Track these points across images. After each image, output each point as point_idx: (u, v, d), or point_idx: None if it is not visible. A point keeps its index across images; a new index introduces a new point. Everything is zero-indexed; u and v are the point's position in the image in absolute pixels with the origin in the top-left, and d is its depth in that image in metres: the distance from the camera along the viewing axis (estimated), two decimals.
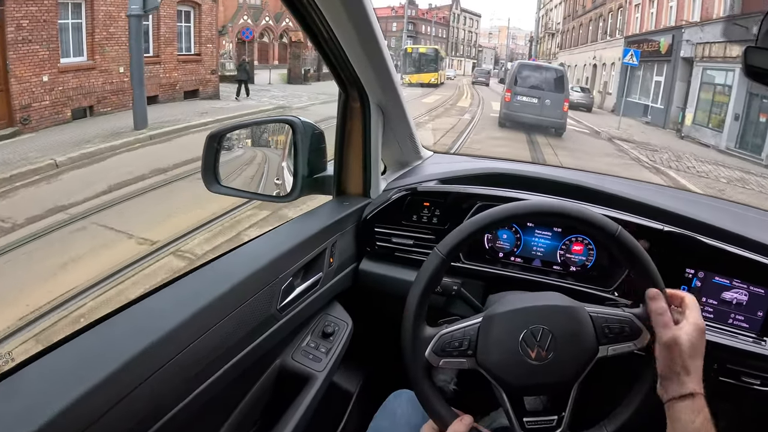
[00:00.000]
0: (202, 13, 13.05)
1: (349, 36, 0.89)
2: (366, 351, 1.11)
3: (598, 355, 0.68)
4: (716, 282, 0.94)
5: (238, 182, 1.06)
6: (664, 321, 0.65)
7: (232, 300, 0.72)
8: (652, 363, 0.67)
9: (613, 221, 0.71)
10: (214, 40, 13.66)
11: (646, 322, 0.68)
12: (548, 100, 10.60)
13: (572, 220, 0.73)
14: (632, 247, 0.70)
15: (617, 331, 0.68)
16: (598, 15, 23.37)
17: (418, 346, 0.70)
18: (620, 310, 0.71)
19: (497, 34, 61.72)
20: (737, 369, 0.90)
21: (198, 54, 13.05)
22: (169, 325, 0.62)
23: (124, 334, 0.60)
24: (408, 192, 1.09)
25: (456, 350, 0.69)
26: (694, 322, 0.65)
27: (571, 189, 1.08)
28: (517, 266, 1.06)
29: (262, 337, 0.80)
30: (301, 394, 0.88)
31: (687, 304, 0.67)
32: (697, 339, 0.64)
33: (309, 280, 0.92)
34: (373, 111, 1.07)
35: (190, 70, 12.74)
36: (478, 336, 0.69)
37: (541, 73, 11.38)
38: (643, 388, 0.69)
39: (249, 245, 0.89)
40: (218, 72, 13.79)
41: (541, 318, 0.69)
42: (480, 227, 0.73)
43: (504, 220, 0.74)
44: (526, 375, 0.67)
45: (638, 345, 0.68)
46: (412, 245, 1.08)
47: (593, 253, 1.03)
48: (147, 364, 0.58)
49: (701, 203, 1.32)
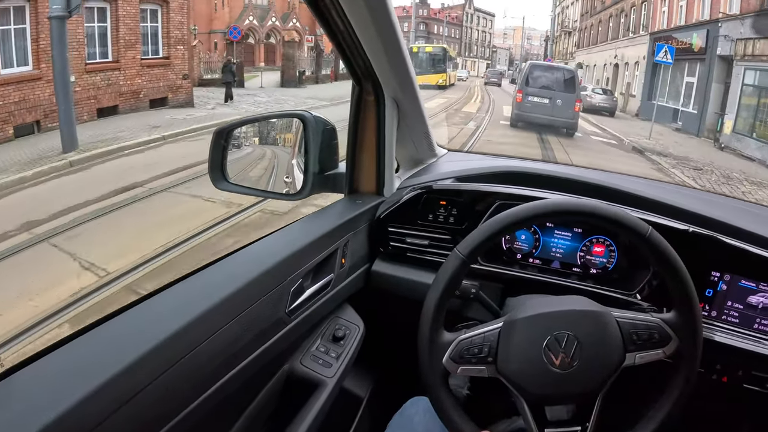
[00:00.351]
0: (171, 10, 11.68)
1: (366, 25, 0.86)
2: (377, 355, 1.10)
3: (625, 363, 0.67)
4: (742, 285, 0.91)
5: (246, 179, 1.04)
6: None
7: (239, 302, 0.70)
8: (681, 371, 0.68)
9: (643, 222, 0.70)
10: (185, 40, 12.29)
11: (676, 328, 0.68)
12: (559, 100, 10.60)
13: (601, 219, 0.71)
14: (664, 249, 0.69)
15: (645, 338, 0.67)
16: (619, 11, 21.35)
17: (436, 352, 0.68)
18: (649, 315, 0.70)
19: (512, 34, 59.83)
20: (762, 376, 0.87)
21: (167, 57, 11.70)
22: (173, 327, 0.60)
23: (125, 336, 0.59)
24: (423, 190, 1.06)
25: (475, 357, 0.68)
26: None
27: (590, 188, 1.05)
28: (535, 268, 1.03)
29: (271, 341, 0.77)
30: (310, 401, 0.85)
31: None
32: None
33: (320, 282, 0.89)
34: (388, 105, 1.04)
35: (156, 76, 11.41)
36: (498, 342, 0.68)
37: (552, 73, 11.27)
38: (671, 397, 0.68)
39: (257, 244, 0.85)
40: (191, 76, 12.52)
41: (566, 323, 0.67)
42: (503, 227, 0.71)
43: (528, 219, 0.71)
44: (549, 384, 0.66)
45: (668, 352, 0.68)
46: (427, 246, 1.05)
47: (614, 255, 1.00)
48: (149, 368, 0.56)
49: (724, 205, 1.30)
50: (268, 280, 0.76)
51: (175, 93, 11.82)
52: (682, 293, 0.69)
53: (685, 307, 0.69)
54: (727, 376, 0.89)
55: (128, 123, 9.01)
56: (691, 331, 0.69)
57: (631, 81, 18.91)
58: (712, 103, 12.85)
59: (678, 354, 0.68)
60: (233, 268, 0.76)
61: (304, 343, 0.92)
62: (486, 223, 0.72)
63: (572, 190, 1.04)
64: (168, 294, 0.68)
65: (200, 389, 0.63)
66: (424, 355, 0.69)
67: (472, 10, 49.62)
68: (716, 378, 0.90)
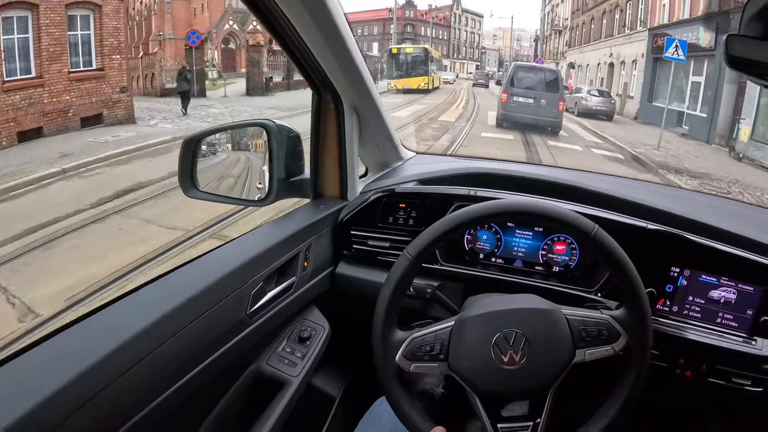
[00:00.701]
0: (104, 15, 10.19)
1: (318, 41, 0.88)
2: (348, 355, 1.10)
3: (575, 359, 0.69)
4: (703, 280, 0.92)
5: (218, 187, 1.08)
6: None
7: (201, 304, 0.72)
8: (631, 366, 0.69)
9: (589, 220, 0.71)
10: (122, 49, 10.73)
11: (624, 325, 0.69)
12: (543, 100, 10.81)
13: (548, 219, 0.72)
14: (610, 246, 0.70)
15: (595, 335, 0.69)
16: (613, 6, 19.90)
17: (389, 350, 0.71)
18: (598, 312, 0.72)
19: (501, 35, 58.67)
20: (727, 370, 0.88)
21: (100, 69, 10.21)
22: (132, 330, 0.62)
23: (88, 340, 0.61)
24: (385, 193, 1.08)
25: (427, 354, 0.70)
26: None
27: (555, 187, 1.06)
28: (497, 267, 1.04)
29: (232, 342, 0.79)
30: (276, 399, 0.88)
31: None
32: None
33: (281, 285, 0.92)
34: (346, 113, 1.06)
35: (88, 91, 9.93)
36: (450, 340, 0.70)
37: (536, 74, 11.49)
38: (623, 392, 0.70)
39: (219, 251, 0.87)
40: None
41: (515, 321, 0.69)
42: (449, 229, 0.72)
43: (475, 220, 0.73)
44: (499, 381, 0.68)
45: (617, 348, 0.69)
46: (388, 248, 1.07)
47: (576, 253, 1.01)
48: (110, 368, 0.59)
49: (691, 200, 1.32)
50: (229, 284, 0.78)
51: (111, 109, 10.41)
52: (630, 290, 0.71)
53: (633, 303, 0.71)
54: (691, 370, 0.90)
55: (35, 153, 7.43)
56: (640, 327, 0.70)
57: (628, 81, 17.43)
58: (724, 105, 11.38)
59: (627, 350, 0.70)
60: (196, 272, 0.78)
61: (271, 344, 0.95)
62: (433, 225, 0.73)
63: (536, 190, 1.04)
64: (127, 300, 0.70)
65: (164, 386, 0.66)
66: (378, 353, 0.71)
67: (459, 11, 48.58)
68: (680, 372, 0.91)
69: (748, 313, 0.90)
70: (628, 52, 17.48)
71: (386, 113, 1.15)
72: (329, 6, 0.82)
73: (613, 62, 19.18)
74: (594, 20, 22.60)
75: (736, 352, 0.88)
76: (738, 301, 0.91)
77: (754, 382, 0.87)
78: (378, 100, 1.10)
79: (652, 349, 0.72)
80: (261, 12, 0.81)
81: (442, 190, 1.05)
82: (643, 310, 0.70)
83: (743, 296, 0.90)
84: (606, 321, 0.70)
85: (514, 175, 1.13)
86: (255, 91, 16.41)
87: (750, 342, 0.89)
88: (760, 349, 0.88)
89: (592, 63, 21.97)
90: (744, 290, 0.90)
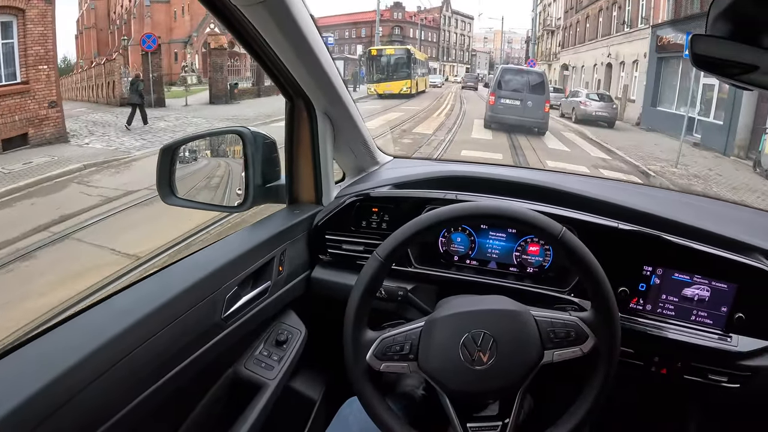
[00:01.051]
0: (29, 21, 8.61)
1: (287, 50, 0.89)
2: (327, 358, 1.09)
3: (543, 360, 0.69)
4: (676, 278, 0.92)
5: (197, 194, 1.08)
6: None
7: (172, 310, 0.73)
8: (599, 367, 0.70)
9: (557, 222, 0.71)
10: (50, 58, 9.09)
11: (592, 326, 0.70)
12: (530, 101, 10.98)
13: (513, 221, 0.74)
14: (577, 249, 0.71)
15: (563, 336, 0.70)
16: (611, 2, 18.44)
17: (359, 350, 0.72)
18: (567, 314, 0.72)
19: (492, 38, 57.52)
20: (702, 367, 0.90)
21: (24, 82, 8.68)
22: (107, 335, 0.63)
23: (61, 346, 0.61)
24: (358, 198, 1.08)
25: (397, 354, 0.71)
26: None
27: (530, 189, 1.06)
28: (472, 269, 1.05)
29: (207, 346, 0.79)
30: (253, 402, 0.90)
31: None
32: None
33: (257, 289, 0.92)
34: (319, 119, 1.07)
35: (10, 107, 8.37)
36: (420, 340, 0.71)
37: (522, 76, 11.65)
38: (591, 393, 0.70)
39: (194, 256, 0.87)
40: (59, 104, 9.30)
41: (483, 322, 0.70)
42: (417, 230, 0.73)
43: (441, 222, 0.74)
44: (467, 380, 0.69)
45: (585, 350, 0.70)
46: (362, 251, 1.07)
47: (550, 254, 1.02)
48: (84, 373, 0.59)
49: (664, 198, 1.33)
50: (203, 288, 0.79)
51: (38, 127, 8.84)
52: (597, 292, 0.71)
53: (601, 305, 0.71)
54: (666, 368, 0.91)
55: None
56: (608, 328, 0.71)
57: (628, 83, 15.99)
58: (744, 112, 9.90)
59: (595, 351, 0.70)
60: (170, 278, 0.79)
61: (248, 348, 0.96)
62: (403, 227, 0.74)
63: (512, 193, 1.04)
64: (102, 307, 0.70)
65: (139, 389, 0.66)
66: (348, 353, 0.72)
67: (449, 13, 46.69)
68: (655, 371, 0.92)
69: (723, 310, 0.91)
70: (628, 51, 16.02)
71: (360, 119, 1.16)
72: (295, 15, 0.82)
73: (611, 63, 17.71)
74: (589, 18, 21.16)
75: (712, 349, 0.89)
76: (712, 299, 0.91)
77: (730, 379, 0.89)
78: (351, 106, 1.11)
79: (626, 348, 0.77)
80: (229, 22, 0.81)
81: (417, 194, 1.06)
82: (611, 312, 0.71)
83: (717, 293, 0.91)
84: (574, 322, 0.71)
85: (489, 177, 1.12)
86: (218, 99, 14.87)
87: (725, 339, 0.90)
88: (736, 345, 0.89)
89: (587, 64, 20.42)
90: (717, 288, 0.90)
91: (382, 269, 0.73)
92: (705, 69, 0.56)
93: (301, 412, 1.14)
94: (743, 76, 0.55)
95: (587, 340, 0.69)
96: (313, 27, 0.89)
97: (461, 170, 1.17)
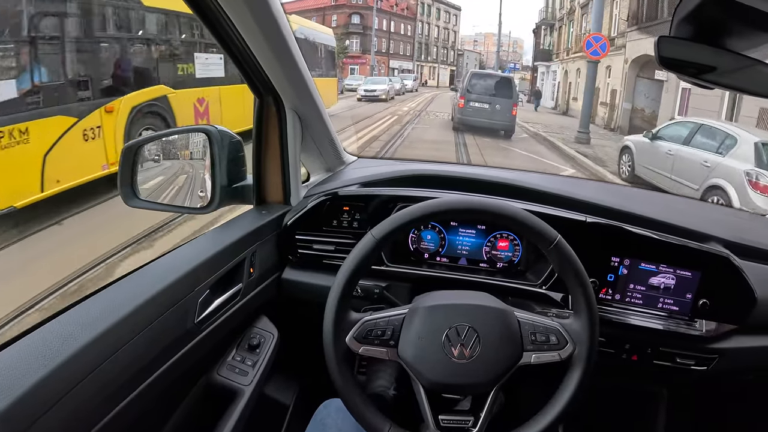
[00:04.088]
0: None
1: (260, 43, 0.88)
2: (299, 362, 1.12)
3: (521, 361, 0.70)
4: (643, 268, 0.95)
5: (161, 195, 1.05)
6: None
7: (143, 317, 0.70)
8: (574, 374, 0.71)
9: (553, 229, 0.73)
10: None
11: (573, 334, 0.72)
12: (498, 105, 11.16)
13: (512, 222, 0.73)
14: (569, 258, 0.72)
15: (543, 340, 0.71)
16: None
17: (340, 330, 0.71)
18: (549, 319, 0.74)
19: (483, 41, 50.08)
20: (671, 351, 0.94)
21: None
22: (74, 347, 0.60)
23: (25, 360, 0.57)
24: (328, 197, 1.06)
25: (378, 339, 0.71)
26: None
27: (495, 186, 1.08)
28: (443, 266, 1.05)
29: (181, 353, 0.77)
30: (229, 410, 0.89)
31: None
32: None
33: (228, 292, 0.90)
34: (288, 116, 1.06)
35: None
36: (402, 327, 0.71)
37: (491, 80, 11.85)
38: (563, 398, 0.71)
39: (161, 260, 0.84)
40: None
41: (468, 316, 0.71)
42: (417, 217, 0.73)
43: (440, 213, 0.74)
44: (446, 373, 0.69)
45: (563, 356, 0.71)
46: (333, 251, 1.06)
47: (519, 249, 1.04)
48: (52, 389, 0.56)
49: (627, 194, 1.39)
50: (174, 293, 0.77)
51: None
52: (583, 302, 0.73)
53: (584, 314, 0.73)
54: (637, 354, 0.95)
55: None
56: (587, 337, 0.72)
57: None
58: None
59: (572, 358, 0.72)
60: (138, 284, 0.76)
61: (221, 354, 0.94)
62: (403, 211, 0.74)
63: (478, 190, 1.06)
64: (68, 315, 0.67)
65: (111, 404, 0.64)
66: (328, 332, 0.71)
67: (429, 0, 37.66)
68: (626, 357, 0.96)
69: (688, 297, 0.94)
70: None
71: (327, 116, 1.14)
72: (272, 7, 0.82)
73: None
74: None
75: (679, 333, 0.94)
76: (677, 287, 0.94)
77: (698, 362, 0.94)
78: (319, 103, 1.10)
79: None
80: (204, 14, 0.80)
81: (385, 192, 1.06)
82: (593, 322, 0.72)
83: (682, 281, 0.94)
84: (555, 328, 0.72)
85: (454, 175, 1.14)
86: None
87: (691, 324, 0.95)
88: (701, 330, 0.94)
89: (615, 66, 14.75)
90: (682, 276, 0.94)
91: (375, 249, 0.72)
92: (670, 69, 0.59)
93: (275, 417, 1.13)
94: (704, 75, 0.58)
95: (566, 346, 0.71)
96: (286, 20, 0.87)
97: (427, 169, 1.19)
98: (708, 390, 1.08)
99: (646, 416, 1.15)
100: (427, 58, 38.31)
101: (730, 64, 0.57)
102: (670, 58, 0.58)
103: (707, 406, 1.15)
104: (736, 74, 0.58)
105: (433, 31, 39.00)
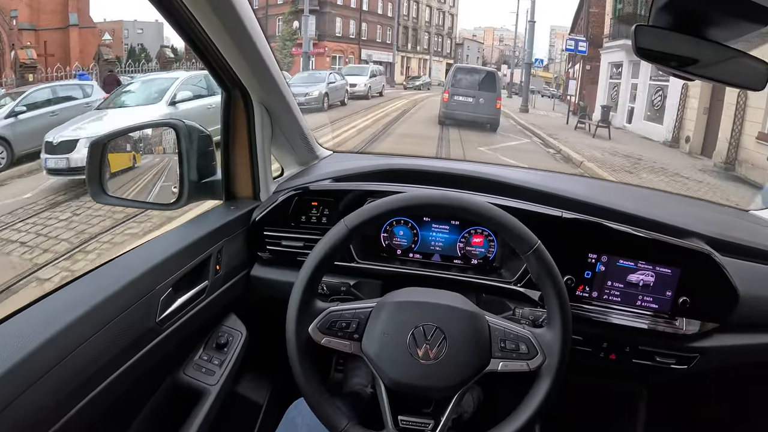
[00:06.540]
0: None
1: (223, 37, 0.85)
2: (271, 360, 1.07)
3: (488, 367, 0.69)
4: (621, 265, 0.93)
5: (130, 191, 1.03)
6: None
7: (102, 315, 0.69)
8: (542, 385, 0.69)
9: (533, 233, 0.71)
10: None
11: (544, 344, 0.70)
12: (482, 98, 11.26)
13: (492, 223, 0.71)
14: (548, 264, 0.70)
15: (513, 348, 0.69)
16: None
17: (304, 319, 0.69)
18: (521, 326, 0.72)
19: (482, 36, 41.68)
20: (650, 350, 0.92)
21: None
22: (33, 344, 0.59)
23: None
24: (297, 192, 1.04)
25: (342, 331, 0.69)
26: None
27: (471, 181, 1.05)
28: (416, 263, 1.03)
29: (142, 352, 0.76)
30: (194, 411, 0.87)
31: None
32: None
33: (193, 290, 0.88)
34: (256, 110, 1.03)
35: None
36: (367, 321, 0.70)
37: (475, 75, 12.01)
38: (529, 409, 0.69)
39: (124, 257, 0.84)
40: None
41: (437, 317, 0.69)
42: (393, 209, 0.72)
43: (416, 207, 0.72)
44: (409, 372, 0.67)
45: (532, 366, 0.69)
46: (302, 247, 1.03)
47: (494, 245, 1.02)
48: (9, 387, 0.55)
49: (605, 188, 1.36)
50: (135, 290, 0.75)
51: None
52: (558, 312, 0.71)
53: (558, 325, 0.71)
54: (615, 353, 0.94)
55: None
56: (558, 349, 0.70)
57: None
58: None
59: (541, 369, 0.70)
60: (99, 281, 0.75)
61: (187, 353, 0.93)
62: (378, 201, 0.72)
63: (453, 184, 1.03)
64: (23, 315, 0.65)
65: (72, 402, 0.63)
66: (291, 320, 0.69)
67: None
68: (604, 356, 0.94)
69: (668, 295, 0.92)
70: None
71: (298, 111, 1.13)
72: (234, 2, 0.80)
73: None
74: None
75: (658, 332, 0.92)
76: (657, 284, 0.92)
77: (678, 360, 0.92)
78: (289, 97, 1.07)
79: (575, 336, 0.76)
80: (166, 9, 0.77)
81: (356, 187, 1.04)
82: (566, 333, 0.71)
83: (661, 279, 0.92)
84: (526, 337, 0.70)
85: (430, 170, 1.11)
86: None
87: (671, 322, 0.92)
88: (681, 328, 0.92)
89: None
90: (662, 273, 0.92)
91: (346, 239, 0.70)
92: (648, 60, 0.57)
93: (248, 417, 1.12)
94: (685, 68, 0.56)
95: (536, 356, 0.69)
96: (250, 11, 0.85)
97: (402, 163, 1.16)
98: (689, 389, 1.06)
99: (625, 415, 1.14)
100: (415, 47, 28.96)
101: (710, 56, 0.55)
102: (648, 49, 0.56)
103: (688, 405, 1.13)
104: (718, 66, 0.57)
105: (423, 12, 29.07)
